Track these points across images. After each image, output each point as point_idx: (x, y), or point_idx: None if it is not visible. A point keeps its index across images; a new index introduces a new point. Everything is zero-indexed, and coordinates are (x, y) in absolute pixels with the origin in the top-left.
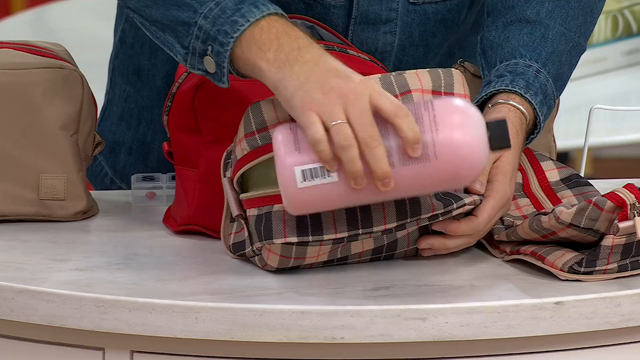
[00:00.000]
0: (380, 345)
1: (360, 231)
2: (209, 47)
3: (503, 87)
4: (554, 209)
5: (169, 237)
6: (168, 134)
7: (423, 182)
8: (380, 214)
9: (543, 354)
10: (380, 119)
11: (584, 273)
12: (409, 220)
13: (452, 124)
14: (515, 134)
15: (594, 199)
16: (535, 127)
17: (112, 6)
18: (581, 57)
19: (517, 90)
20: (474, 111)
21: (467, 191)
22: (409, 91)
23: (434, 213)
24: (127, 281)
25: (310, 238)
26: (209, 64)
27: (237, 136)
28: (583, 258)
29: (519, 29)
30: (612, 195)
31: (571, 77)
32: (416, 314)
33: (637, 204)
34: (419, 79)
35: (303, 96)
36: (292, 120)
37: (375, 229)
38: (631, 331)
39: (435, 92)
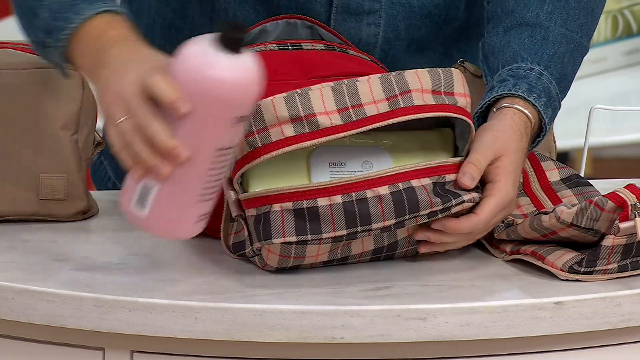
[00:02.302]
0: (380, 345)
1: (359, 229)
2: (50, 40)
3: (506, 92)
4: (554, 209)
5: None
6: None
7: (208, 130)
8: (379, 211)
9: (543, 354)
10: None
11: (584, 273)
12: (407, 217)
13: (184, 60)
14: (519, 137)
15: (595, 199)
16: (540, 130)
17: None
18: None
19: (520, 93)
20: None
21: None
22: (409, 91)
23: (433, 210)
24: (127, 281)
25: (309, 237)
26: (52, 55)
27: None
28: (583, 258)
29: (520, 33)
30: (613, 196)
31: None
32: (416, 314)
33: (638, 205)
34: (418, 79)
35: (102, 109)
36: (281, 123)
37: (374, 226)
38: (631, 331)
39: (435, 92)
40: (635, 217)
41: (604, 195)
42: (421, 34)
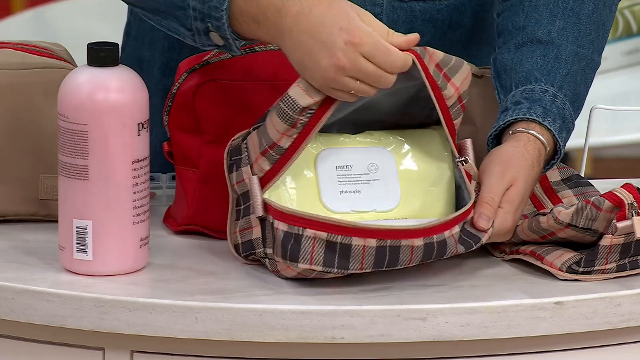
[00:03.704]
0: (380, 345)
1: (384, 268)
2: (209, 24)
3: (521, 116)
4: (552, 210)
5: (169, 237)
6: (168, 134)
7: (116, 143)
8: (408, 257)
9: (543, 354)
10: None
11: (583, 273)
12: (431, 260)
13: None
14: (530, 166)
15: (592, 199)
16: (555, 153)
17: (112, 7)
18: None
19: (535, 118)
20: None
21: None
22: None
23: (456, 254)
24: (127, 281)
25: (334, 270)
26: (216, 38)
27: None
28: (582, 258)
29: (532, 51)
30: (610, 195)
31: None
32: (416, 314)
33: (635, 204)
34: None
35: (318, 78)
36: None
37: (398, 267)
38: (631, 331)
39: (438, 67)
40: (633, 216)
41: (601, 195)
42: (424, 39)
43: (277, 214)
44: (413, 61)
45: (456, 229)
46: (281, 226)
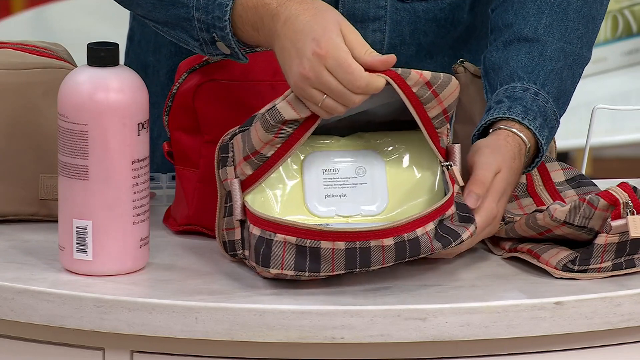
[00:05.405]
0: (380, 345)
1: (357, 270)
2: (214, 35)
3: (501, 115)
4: (548, 207)
5: (169, 237)
6: (168, 134)
7: (116, 143)
8: (380, 257)
9: (543, 354)
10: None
11: (578, 271)
12: (406, 260)
13: None
14: (512, 158)
15: (587, 198)
16: (538, 151)
17: (112, 6)
18: None
19: (515, 117)
20: None
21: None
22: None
23: (432, 252)
24: (127, 281)
25: (306, 274)
26: (223, 47)
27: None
28: (577, 256)
29: (518, 49)
30: (605, 194)
31: None
32: (416, 314)
33: (630, 203)
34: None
35: (291, 84)
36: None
37: (372, 268)
38: (631, 331)
39: (428, 84)
40: (627, 215)
41: (596, 194)
42: (428, 39)
43: (252, 218)
44: (388, 82)
45: (430, 225)
46: (255, 230)
